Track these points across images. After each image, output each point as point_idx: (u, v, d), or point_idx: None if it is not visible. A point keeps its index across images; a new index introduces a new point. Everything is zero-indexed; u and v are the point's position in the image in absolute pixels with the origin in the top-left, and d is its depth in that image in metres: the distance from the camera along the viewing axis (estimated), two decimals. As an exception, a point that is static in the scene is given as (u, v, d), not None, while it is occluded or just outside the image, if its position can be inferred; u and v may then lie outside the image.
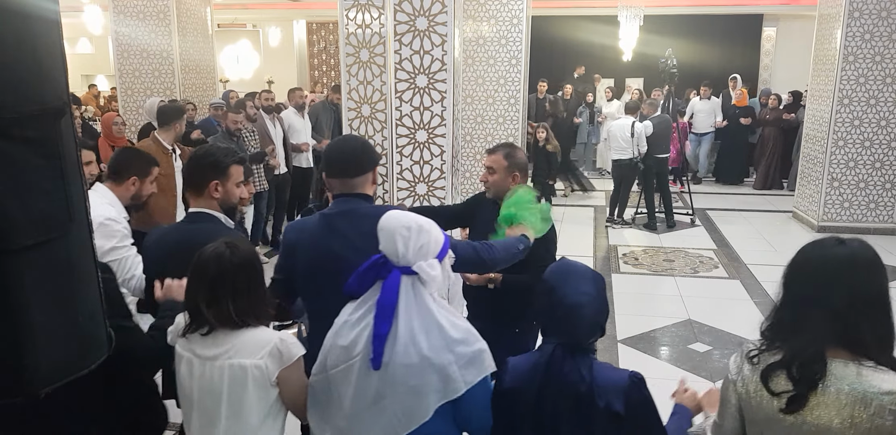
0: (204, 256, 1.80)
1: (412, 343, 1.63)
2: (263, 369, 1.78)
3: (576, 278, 1.75)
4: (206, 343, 1.80)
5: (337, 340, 1.72)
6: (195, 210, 2.29)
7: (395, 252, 1.70)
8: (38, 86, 0.88)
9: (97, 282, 1.02)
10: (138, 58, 8.60)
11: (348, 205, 2.14)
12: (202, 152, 2.36)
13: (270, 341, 1.80)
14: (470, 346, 1.68)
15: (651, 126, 7.77)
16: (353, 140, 2.32)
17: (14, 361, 0.90)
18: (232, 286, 1.78)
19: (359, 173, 2.15)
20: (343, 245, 2.07)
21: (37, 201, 0.88)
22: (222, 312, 1.77)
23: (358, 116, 4.56)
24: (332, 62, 14.80)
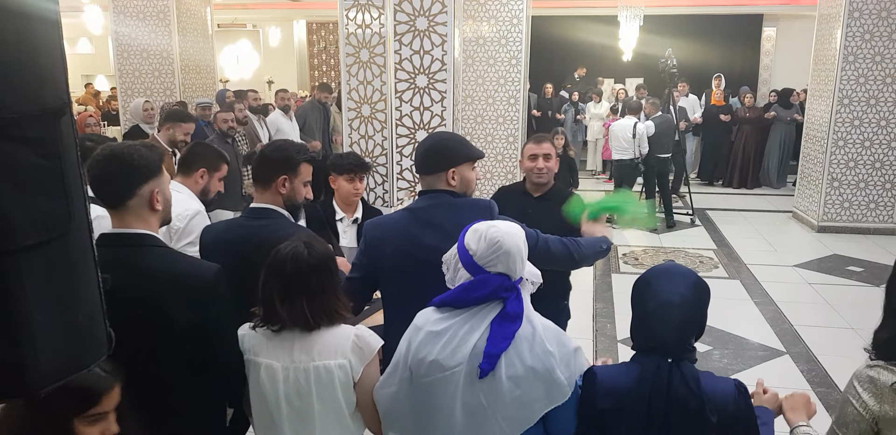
0: (281, 254, 1.78)
1: (515, 353, 1.60)
2: (348, 369, 1.77)
3: (675, 277, 1.69)
4: (283, 348, 1.78)
5: (425, 353, 1.65)
6: (259, 205, 2.23)
7: (521, 269, 1.67)
8: (38, 86, 0.88)
9: (97, 282, 1.02)
10: (138, 58, 8.60)
11: (439, 199, 2.16)
12: (274, 146, 2.34)
13: (349, 338, 1.78)
14: (565, 346, 1.66)
15: (653, 126, 7.77)
16: (440, 138, 2.29)
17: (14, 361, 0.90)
18: (307, 286, 1.76)
19: (443, 169, 2.16)
20: (438, 237, 2.02)
21: (37, 201, 0.88)
22: (296, 311, 1.75)
23: (358, 116, 4.56)
24: (332, 62, 14.80)
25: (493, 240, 1.65)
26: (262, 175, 2.24)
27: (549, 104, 11.24)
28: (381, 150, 4.57)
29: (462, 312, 1.66)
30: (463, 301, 1.65)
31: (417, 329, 1.71)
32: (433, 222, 2.11)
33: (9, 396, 0.94)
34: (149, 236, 1.76)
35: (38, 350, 0.91)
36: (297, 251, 1.77)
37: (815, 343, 4.50)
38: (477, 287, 1.64)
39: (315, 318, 1.75)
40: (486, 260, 1.65)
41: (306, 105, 8.05)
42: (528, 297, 1.69)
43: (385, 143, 4.52)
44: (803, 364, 4.21)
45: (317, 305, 1.76)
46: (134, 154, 1.73)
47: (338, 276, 1.86)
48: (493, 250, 1.64)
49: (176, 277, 1.69)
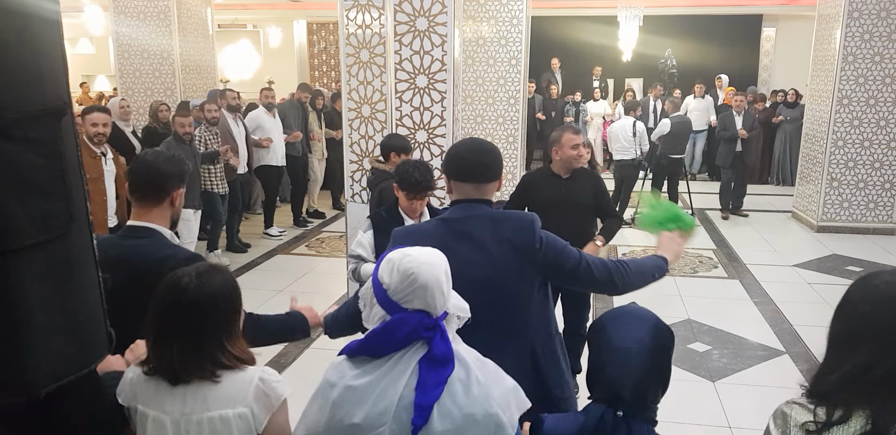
0: (165, 284, 1.55)
1: (450, 399, 1.39)
2: (249, 419, 1.52)
3: (632, 321, 1.54)
4: (174, 396, 1.52)
5: (344, 413, 1.41)
6: (138, 224, 1.97)
7: (441, 304, 1.45)
8: (39, 86, 0.88)
9: (97, 282, 1.02)
10: (139, 58, 8.60)
11: (479, 210, 1.98)
12: (164, 157, 2.05)
13: (251, 382, 1.53)
14: (502, 383, 1.46)
15: (668, 124, 7.77)
16: (488, 144, 2.11)
17: (14, 361, 0.90)
18: (181, 327, 1.50)
19: (493, 178, 2.02)
20: (475, 251, 1.91)
21: (37, 201, 0.88)
22: (164, 356, 1.50)
23: (358, 116, 4.56)
24: (332, 62, 14.80)
25: (407, 272, 1.43)
26: (154, 187, 1.97)
27: (553, 105, 11.24)
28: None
29: (382, 361, 1.43)
30: (378, 348, 1.43)
31: (331, 385, 1.44)
32: (471, 235, 1.93)
33: (9, 395, 0.94)
34: None
35: (38, 350, 0.91)
36: (181, 283, 1.52)
37: (814, 343, 4.50)
38: (391, 329, 1.42)
39: (181, 368, 1.49)
40: (400, 295, 1.43)
41: (286, 103, 8.16)
42: (454, 332, 1.49)
43: (385, 143, 4.52)
44: (802, 364, 4.21)
45: (189, 350, 1.49)
46: None
47: (234, 318, 1.59)
48: (408, 284, 1.42)
49: None
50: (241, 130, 6.73)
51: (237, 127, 6.71)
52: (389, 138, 3.92)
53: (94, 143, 4.41)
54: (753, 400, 3.71)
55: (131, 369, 1.60)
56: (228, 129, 6.56)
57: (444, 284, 1.45)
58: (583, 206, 3.72)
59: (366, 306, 1.49)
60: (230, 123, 6.63)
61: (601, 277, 1.99)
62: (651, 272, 2.12)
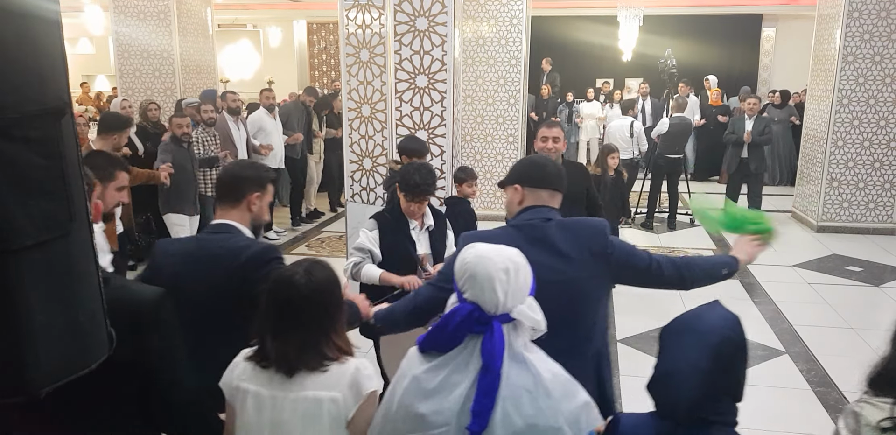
0: (277, 280, 1.63)
1: (514, 408, 1.40)
2: (340, 403, 1.59)
3: (693, 339, 1.46)
4: (274, 377, 1.62)
5: (410, 402, 1.48)
6: (220, 221, 2.15)
7: (495, 301, 1.45)
8: (39, 86, 0.88)
9: (98, 282, 1.02)
10: (139, 58, 8.61)
11: (549, 214, 2.03)
12: (243, 164, 2.30)
13: (347, 371, 1.61)
14: (574, 398, 1.46)
15: (667, 123, 7.76)
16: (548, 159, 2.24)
17: (15, 361, 0.90)
18: (298, 320, 1.60)
19: (564, 189, 2.11)
20: (548, 254, 1.93)
21: (37, 201, 0.88)
22: (283, 349, 1.59)
23: (358, 116, 4.56)
24: (332, 62, 14.80)
25: (464, 261, 1.49)
26: (232, 191, 2.15)
27: (545, 105, 11.25)
28: (381, 150, 4.57)
29: (449, 358, 1.47)
30: (438, 342, 1.48)
31: (403, 375, 1.53)
32: (547, 240, 1.96)
33: (10, 394, 0.94)
34: None
35: (38, 349, 0.91)
36: (294, 279, 1.61)
37: (814, 343, 4.50)
38: (449, 320, 1.47)
39: (298, 360, 1.59)
40: (460, 284, 1.51)
41: (289, 105, 7.98)
42: (527, 338, 1.50)
43: (385, 143, 4.52)
44: (802, 364, 4.21)
45: (303, 345, 1.60)
46: None
47: (339, 311, 1.68)
48: (462, 272, 1.49)
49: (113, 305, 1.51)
50: (241, 134, 6.58)
51: (238, 130, 6.54)
52: (406, 141, 3.89)
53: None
54: (753, 400, 3.70)
55: (242, 353, 1.69)
56: (229, 133, 6.40)
57: (499, 282, 1.45)
58: (574, 198, 3.63)
59: (450, 301, 1.56)
60: (231, 127, 6.45)
61: (670, 276, 2.04)
62: (719, 269, 2.17)
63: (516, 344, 1.47)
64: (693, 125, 10.50)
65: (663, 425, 1.47)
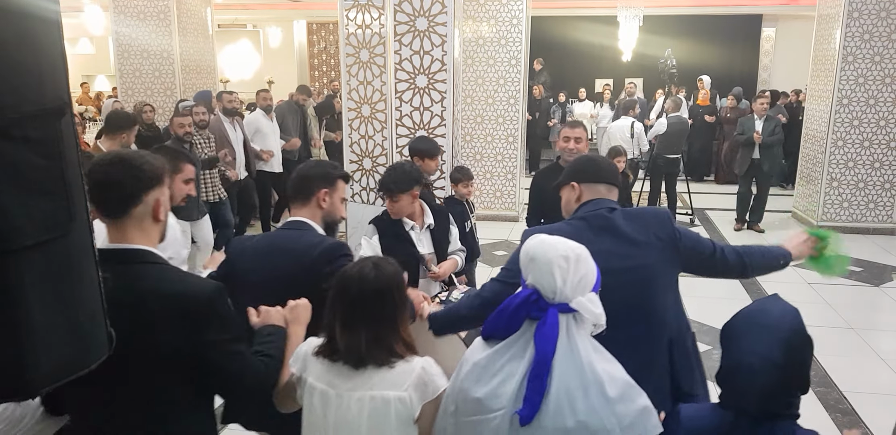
0: (346, 274, 1.67)
1: (567, 402, 1.41)
2: (407, 403, 1.61)
3: (763, 333, 1.47)
4: (342, 372, 1.65)
5: (468, 386, 1.51)
6: (294, 218, 2.23)
7: (553, 287, 1.47)
8: (39, 86, 0.88)
9: (97, 282, 1.02)
10: (139, 58, 8.61)
11: (610, 204, 2.09)
12: (311, 163, 2.40)
13: (413, 371, 1.63)
14: (632, 403, 1.44)
15: (665, 123, 7.75)
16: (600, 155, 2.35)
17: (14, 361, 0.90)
18: (368, 314, 1.63)
19: (618, 183, 2.20)
20: (617, 243, 1.97)
21: (37, 201, 0.88)
22: (353, 342, 1.63)
23: (358, 116, 4.56)
24: (332, 62, 14.80)
25: (527, 247, 1.54)
26: (302, 189, 2.24)
27: (537, 105, 11.25)
28: (381, 150, 4.57)
29: (509, 344, 1.51)
30: (498, 327, 1.52)
31: (465, 361, 1.57)
32: (615, 229, 2.00)
33: (9, 395, 0.94)
34: (147, 252, 1.60)
35: (38, 350, 0.91)
36: (364, 272, 1.65)
37: (814, 343, 4.49)
38: (508, 303, 1.51)
39: (368, 353, 1.62)
40: (523, 270, 1.55)
41: (283, 106, 7.66)
42: (586, 335, 1.51)
43: (385, 143, 4.52)
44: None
45: (373, 338, 1.62)
46: (142, 159, 1.64)
47: (405, 308, 1.71)
48: (525, 257, 1.53)
49: (169, 299, 1.53)
50: (238, 135, 6.23)
51: (234, 132, 6.20)
52: (415, 141, 3.90)
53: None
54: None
55: (308, 344, 1.74)
56: (225, 135, 6.07)
57: (558, 268, 1.47)
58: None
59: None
60: (227, 128, 6.13)
61: (734, 263, 2.11)
62: (777, 259, 2.23)
63: (577, 339, 1.47)
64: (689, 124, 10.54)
65: (725, 416, 1.49)
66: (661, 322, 2.00)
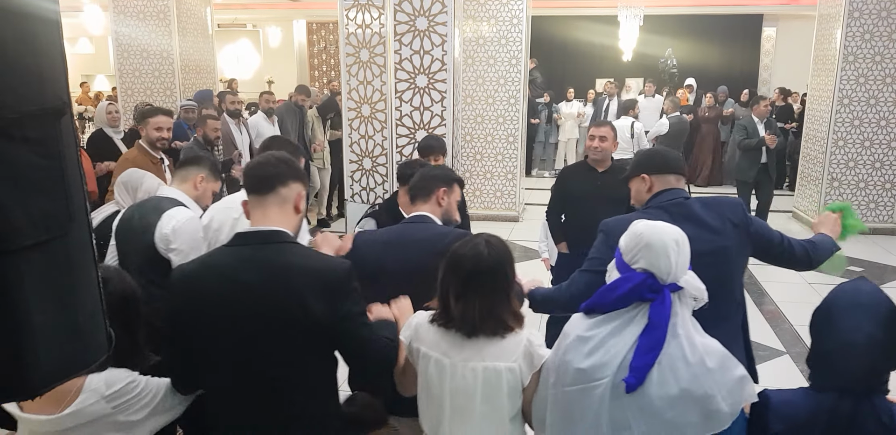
0: (461, 250, 1.76)
1: (671, 372, 1.49)
2: (517, 373, 1.73)
3: (861, 312, 1.50)
4: (454, 344, 1.76)
5: (571, 358, 1.60)
6: (417, 213, 2.34)
7: (668, 269, 1.56)
8: (38, 86, 0.88)
9: (97, 282, 1.02)
10: (138, 58, 8.61)
11: (683, 193, 2.22)
12: (431, 166, 2.56)
13: (521, 342, 1.74)
14: (730, 372, 1.53)
15: (667, 124, 7.74)
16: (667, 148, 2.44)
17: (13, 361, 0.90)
18: (482, 287, 1.73)
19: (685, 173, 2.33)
20: (697, 227, 2.06)
21: (37, 201, 0.88)
22: (468, 312, 1.73)
23: (358, 116, 4.55)
24: (332, 62, 14.80)
25: (637, 232, 1.61)
26: (423, 188, 2.36)
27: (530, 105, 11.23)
28: (381, 150, 4.57)
29: (611, 318, 1.58)
30: (604, 304, 1.59)
31: (566, 334, 1.66)
32: (693, 216, 2.11)
33: (9, 396, 0.94)
34: (284, 233, 1.77)
35: (38, 350, 0.91)
36: (478, 250, 1.74)
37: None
38: (618, 286, 1.58)
39: (481, 322, 1.72)
40: (630, 256, 1.61)
41: (282, 107, 7.34)
42: (688, 312, 1.59)
43: (385, 143, 4.52)
44: (803, 364, 4.21)
45: (486, 309, 1.72)
46: (287, 156, 1.88)
47: (514, 281, 1.82)
48: (635, 243, 1.60)
49: (312, 272, 1.70)
50: (244, 138, 6.06)
51: (241, 134, 6.02)
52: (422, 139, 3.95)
53: (153, 148, 4.14)
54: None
55: (418, 316, 1.87)
56: (231, 138, 5.91)
57: (672, 250, 1.57)
58: (617, 201, 3.64)
59: (609, 273, 1.69)
60: (233, 130, 5.97)
61: (799, 254, 2.24)
62: (831, 247, 2.32)
63: (681, 315, 1.56)
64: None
65: (823, 399, 1.51)
66: (739, 301, 2.17)
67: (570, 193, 3.85)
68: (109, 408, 1.72)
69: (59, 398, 1.68)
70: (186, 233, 2.61)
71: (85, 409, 1.69)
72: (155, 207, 2.67)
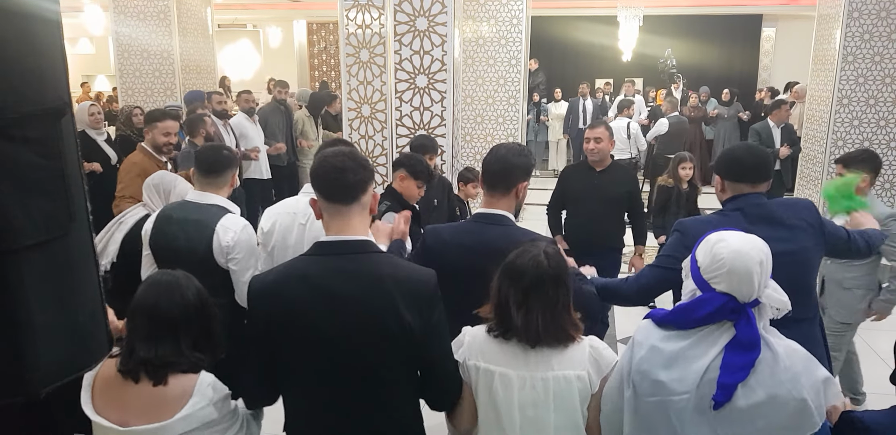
0: (521, 260, 1.73)
1: (755, 380, 1.48)
2: (586, 380, 1.71)
3: None
4: (517, 356, 1.72)
5: (648, 368, 1.57)
6: (492, 211, 2.20)
7: (752, 292, 1.52)
8: (39, 86, 0.88)
9: (97, 282, 1.02)
10: (139, 58, 8.60)
11: (760, 199, 2.21)
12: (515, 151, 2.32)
13: (585, 349, 1.73)
14: (813, 374, 1.52)
15: (666, 123, 7.76)
16: (755, 146, 2.41)
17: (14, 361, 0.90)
18: (545, 297, 1.71)
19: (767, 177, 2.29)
20: (774, 228, 2.09)
21: (37, 201, 0.88)
22: (531, 321, 1.69)
23: (358, 116, 4.56)
24: (332, 62, 14.80)
25: (718, 256, 1.54)
26: (502, 181, 2.18)
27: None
28: (381, 150, 4.57)
29: (690, 333, 1.55)
30: (684, 322, 1.56)
31: (639, 344, 1.63)
32: (771, 217, 2.14)
33: (9, 394, 0.94)
34: (370, 243, 1.71)
35: (38, 350, 0.91)
36: (539, 260, 1.72)
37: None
38: (697, 307, 1.53)
39: (545, 332, 1.69)
40: (709, 275, 1.56)
41: (266, 108, 7.13)
42: (766, 321, 1.57)
43: (385, 143, 4.52)
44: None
45: (549, 319, 1.70)
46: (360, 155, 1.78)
47: (571, 290, 1.79)
48: (716, 267, 1.54)
49: (403, 282, 1.65)
50: (231, 139, 5.94)
51: (228, 135, 5.91)
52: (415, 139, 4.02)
53: (159, 151, 4.08)
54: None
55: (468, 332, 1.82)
56: (220, 138, 5.75)
57: (756, 275, 1.51)
58: (613, 199, 3.89)
59: (685, 277, 1.65)
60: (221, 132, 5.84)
61: (864, 247, 2.32)
62: (880, 236, 2.41)
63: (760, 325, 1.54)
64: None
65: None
66: (815, 301, 2.23)
67: (568, 191, 4.01)
68: (217, 414, 1.70)
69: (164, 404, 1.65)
70: (244, 241, 2.57)
71: (196, 413, 1.66)
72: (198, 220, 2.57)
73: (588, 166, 3.96)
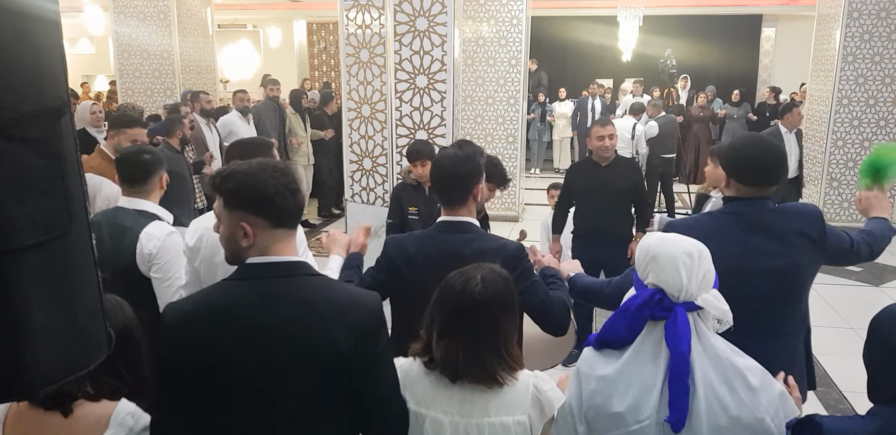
0: (449, 283, 1.57)
1: (716, 401, 1.40)
2: (527, 426, 1.54)
3: None
4: (452, 399, 1.55)
5: (601, 402, 1.46)
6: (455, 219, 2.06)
7: (679, 284, 1.44)
8: (39, 86, 0.88)
9: (97, 282, 1.02)
10: (139, 58, 8.61)
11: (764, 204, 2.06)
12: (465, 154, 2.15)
13: (527, 390, 1.55)
14: (771, 389, 1.45)
15: (657, 126, 7.77)
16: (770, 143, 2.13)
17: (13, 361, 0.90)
18: (466, 328, 1.52)
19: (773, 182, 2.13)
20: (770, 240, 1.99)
21: (37, 201, 0.88)
22: (449, 354, 1.53)
23: (358, 116, 4.56)
24: (332, 62, 14.80)
25: (645, 245, 1.50)
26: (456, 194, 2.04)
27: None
28: (381, 150, 4.57)
29: (634, 352, 1.46)
30: (616, 330, 1.47)
31: (586, 376, 1.51)
32: (768, 227, 2.00)
33: (8, 395, 0.94)
34: (305, 264, 1.54)
35: (37, 350, 0.91)
36: (468, 285, 1.54)
37: (814, 343, 4.47)
38: (626, 306, 1.46)
39: (464, 367, 1.52)
40: (640, 270, 1.50)
41: (260, 106, 7.26)
42: (713, 334, 1.48)
43: (385, 143, 4.52)
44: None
45: (468, 353, 1.52)
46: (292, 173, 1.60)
47: (512, 323, 1.59)
48: (643, 256, 1.49)
49: (341, 308, 1.46)
50: (214, 137, 6.09)
51: (211, 134, 6.05)
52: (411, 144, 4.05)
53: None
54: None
55: (408, 362, 1.63)
56: (202, 137, 5.90)
57: (683, 264, 1.44)
58: (620, 192, 4.05)
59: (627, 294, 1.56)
60: (203, 130, 5.98)
61: (866, 252, 2.18)
62: (890, 233, 2.25)
63: (707, 335, 1.45)
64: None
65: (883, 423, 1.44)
66: (803, 317, 2.12)
67: (576, 187, 4.18)
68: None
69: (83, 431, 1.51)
70: (168, 248, 2.46)
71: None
72: (124, 227, 2.48)
73: (593, 162, 4.13)
